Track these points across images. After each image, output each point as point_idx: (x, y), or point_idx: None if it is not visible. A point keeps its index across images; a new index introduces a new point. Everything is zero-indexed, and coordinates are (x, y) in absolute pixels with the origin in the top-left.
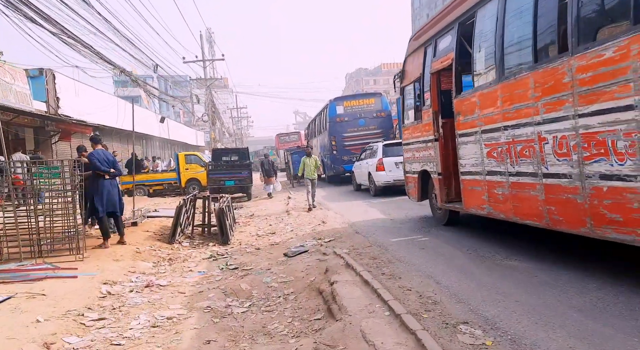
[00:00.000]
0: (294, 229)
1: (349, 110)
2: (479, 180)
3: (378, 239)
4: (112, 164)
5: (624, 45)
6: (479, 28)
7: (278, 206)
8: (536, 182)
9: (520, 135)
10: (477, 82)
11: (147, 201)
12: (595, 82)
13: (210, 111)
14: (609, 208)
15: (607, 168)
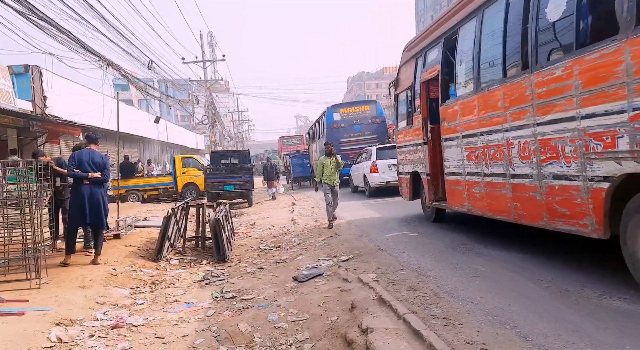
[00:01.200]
0: (302, 242)
1: (346, 117)
2: (460, 180)
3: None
4: (100, 168)
5: (569, 65)
6: (460, 44)
7: (282, 214)
8: (505, 182)
9: (493, 140)
10: (459, 92)
11: (139, 208)
12: (548, 96)
13: (210, 113)
14: (560, 203)
15: (558, 169)
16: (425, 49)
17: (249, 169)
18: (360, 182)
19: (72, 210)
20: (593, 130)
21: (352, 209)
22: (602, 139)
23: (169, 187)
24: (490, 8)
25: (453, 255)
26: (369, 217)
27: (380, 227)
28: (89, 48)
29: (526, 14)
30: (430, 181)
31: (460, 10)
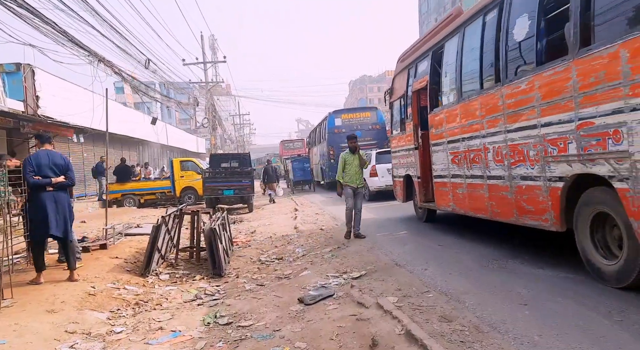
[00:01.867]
0: (307, 253)
1: (347, 123)
2: (446, 182)
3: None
4: (63, 170)
5: (531, 80)
6: (445, 58)
7: (284, 220)
8: (483, 183)
9: (473, 145)
10: (444, 102)
11: (134, 213)
12: (516, 107)
13: (211, 115)
14: (526, 201)
15: (525, 171)
16: (416, 60)
17: (249, 172)
18: None
19: (34, 222)
20: (550, 137)
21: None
22: (556, 144)
23: (166, 192)
24: (470, 26)
25: (485, 274)
26: (373, 221)
27: (391, 235)
28: (76, 41)
29: (498, 34)
30: (421, 183)
31: (446, 26)
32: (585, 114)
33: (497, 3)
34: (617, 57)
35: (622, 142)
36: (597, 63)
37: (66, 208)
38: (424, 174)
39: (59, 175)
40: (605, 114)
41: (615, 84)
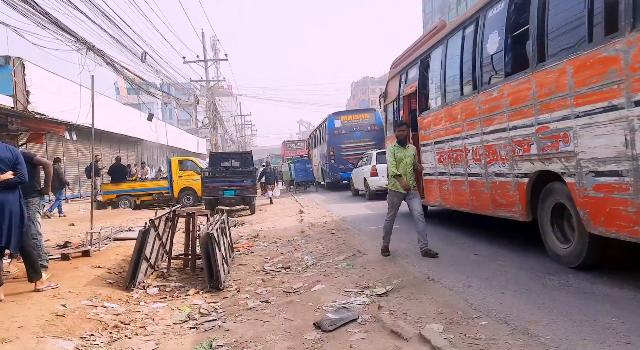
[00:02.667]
0: (317, 262)
1: (346, 124)
2: (434, 179)
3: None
4: (10, 165)
5: (501, 88)
6: (432, 66)
7: (289, 223)
8: (464, 180)
9: (455, 146)
10: (431, 106)
11: (128, 215)
12: (490, 112)
13: (212, 115)
14: (500, 195)
15: (498, 169)
16: (407, 67)
17: (251, 172)
18: (360, 185)
19: None
20: (517, 139)
21: (353, 210)
22: (522, 145)
23: (164, 192)
24: (452, 38)
25: (549, 294)
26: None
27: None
28: (61, 24)
29: (475, 46)
30: None
31: (432, 37)
32: (543, 120)
33: (474, 19)
34: (564, 72)
35: (570, 144)
36: (550, 76)
37: (13, 212)
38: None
39: (4, 171)
40: (557, 119)
41: (564, 94)
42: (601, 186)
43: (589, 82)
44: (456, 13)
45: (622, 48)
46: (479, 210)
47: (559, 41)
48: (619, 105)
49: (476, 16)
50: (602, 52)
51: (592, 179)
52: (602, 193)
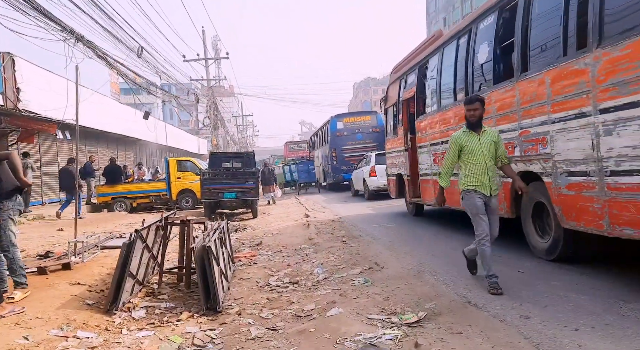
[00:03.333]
0: (330, 277)
1: (348, 126)
2: (429, 179)
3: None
4: None
5: (490, 95)
6: (429, 72)
7: (294, 228)
8: (456, 180)
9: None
10: (428, 110)
11: (123, 219)
12: None
13: (213, 114)
14: None
15: None
16: (406, 73)
17: (253, 173)
18: (360, 186)
19: None
20: (503, 141)
21: (353, 209)
22: (507, 147)
23: (162, 195)
24: (447, 47)
25: (638, 331)
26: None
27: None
28: (44, 11)
29: (467, 55)
30: (410, 181)
31: (430, 45)
32: (525, 124)
33: (467, 30)
34: (543, 82)
35: (547, 147)
36: (531, 85)
37: None
38: (412, 172)
39: None
40: (537, 125)
41: (542, 102)
42: (572, 185)
43: (563, 92)
44: (461, 12)
45: (589, 62)
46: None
47: (540, 54)
48: (587, 113)
49: (469, 27)
50: (574, 65)
51: (565, 178)
52: (573, 191)
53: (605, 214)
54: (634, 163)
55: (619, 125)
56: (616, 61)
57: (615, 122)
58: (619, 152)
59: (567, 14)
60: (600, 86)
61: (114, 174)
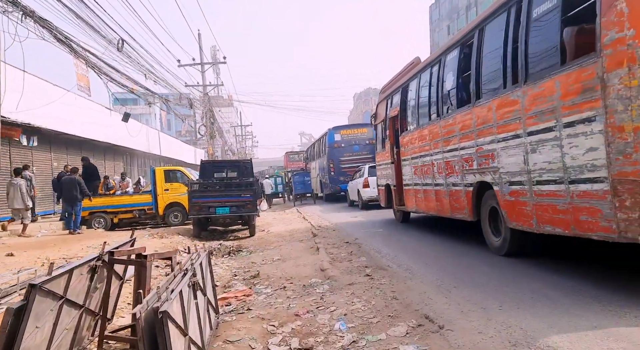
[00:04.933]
0: (362, 338)
1: (345, 138)
2: (411, 189)
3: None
4: None
5: (454, 117)
6: (409, 94)
7: (301, 252)
8: (432, 189)
9: (425, 161)
10: (409, 128)
11: (96, 238)
12: (448, 135)
13: (209, 122)
14: (455, 201)
15: (454, 180)
16: (392, 93)
17: (251, 184)
18: (355, 196)
19: None
20: (465, 156)
21: (346, 217)
22: (468, 161)
23: (147, 209)
24: (423, 73)
25: None
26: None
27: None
28: None
29: (438, 81)
30: (396, 191)
31: (410, 70)
32: (480, 143)
33: (438, 60)
34: (491, 109)
35: (495, 161)
36: (483, 110)
37: None
38: (398, 183)
39: None
40: (487, 143)
41: (490, 125)
42: (513, 192)
43: (504, 117)
44: (466, 19)
45: (520, 95)
46: (442, 214)
47: (488, 85)
48: (519, 135)
49: (439, 58)
50: (511, 97)
51: (508, 187)
52: (513, 197)
53: (534, 215)
54: (549, 175)
55: (539, 145)
56: (536, 96)
57: (537, 143)
58: (540, 166)
59: (505, 55)
60: (527, 114)
61: (91, 175)
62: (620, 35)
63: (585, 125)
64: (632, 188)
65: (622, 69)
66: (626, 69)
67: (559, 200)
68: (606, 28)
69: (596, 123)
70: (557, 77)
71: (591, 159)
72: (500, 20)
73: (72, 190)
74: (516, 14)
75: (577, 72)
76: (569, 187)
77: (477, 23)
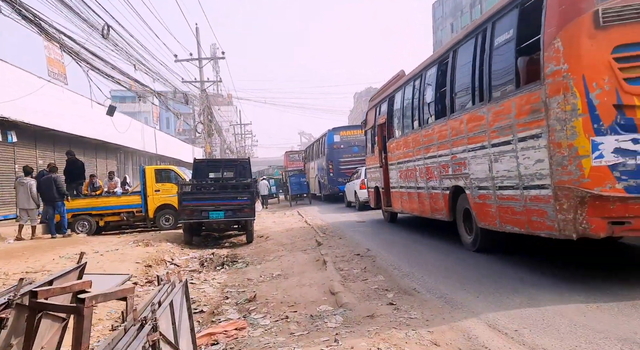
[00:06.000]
0: None
1: (345, 139)
2: (397, 191)
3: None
4: None
5: (433, 128)
6: (395, 104)
7: (305, 266)
8: (415, 192)
9: (409, 166)
10: (395, 135)
11: (73, 245)
12: (428, 143)
13: (207, 119)
14: (434, 203)
15: (433, 184)
16: (380, 102)
17: (249, 186)
18: (352, 197)
19: None
20: (442, 163)
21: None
22: (445, 167)
23: (135, 211)
24: (407, 86)
25: None
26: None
27: None
28: None
29: (420, 94)
30: (384, 193)
31: (397, 82)
32: (454, 151)
33: (419, 75)
34: (462, 121)
35: (467, 168)
36: (456, 123)
37: None
38: (386, 185)
39: None
40: (460, 152)
41: (462, 136)
42: (481, 196)
43: (472, 130)
44: (470, 17)
45: (485, 111)
46: (424, 214)
47: (461, 100)
48: (485, 146)
49: (420, 73)
50: (478, 112)
51: (477, 191)
52: (481, 200)
53: (497, 215)
54: (509, 181)
55: (500, 156)
56: (498, 113)
57: (499, 154)
58: (502, 174)
59: (474, 75)
60: (491, 128)
61: (75, 171)
62: (557, 68)
63: (534, 140)
64: (568, 194)
65: (559, 96)
66: (562, 96)
67: (516, 203)
68: (547, 61)
69: (542, 139)
70: (513, 98)
71: (539, 169)
72: (470, 44)
73: (50, 190)
74: (482, 40)
75: (528, 96)
76: (523, 192)
77: (451, 45)
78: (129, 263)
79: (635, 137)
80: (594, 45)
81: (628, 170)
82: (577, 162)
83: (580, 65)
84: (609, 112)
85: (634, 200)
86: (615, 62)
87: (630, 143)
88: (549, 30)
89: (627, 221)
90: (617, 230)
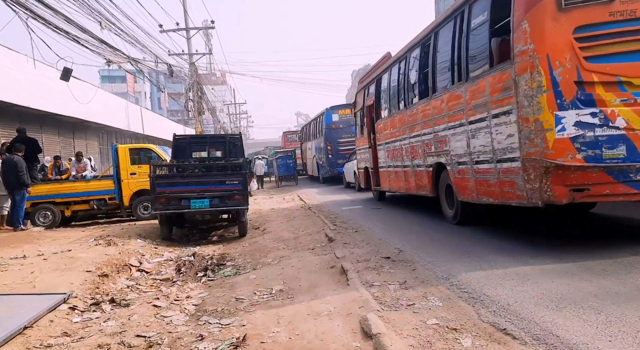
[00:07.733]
0: None
1: (344, 118)
2: (384, 171)
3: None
4: None
5: (417, 108)
6: (382, 85)
7: (315, 272)
8: (401, 170)
9: (396, 146)
10: (382, 115)
11: (21, 242)
12: (413, 122)
13: (197, 96)
14: (419, 180)
15: (418, 162)
16: (368, 84)
17: (240, 166)
18: (351, 178)
19: None
20: (426, 141)
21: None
22: (428, 146)
23: (107, 198)
24: (393, 68)
25: None
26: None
27: None
28: None
29: (404, 75)
30: (374, 173)
31: (383, 64)
32: (436, 129)
33: (404, 56)
34: (443, 101)
35: (447, 145)
36: (437, 102)
37: None
38: (375, 165)
39: None
40: (441, 130)
41: (443, 115)
42: (460, 171)
43: (452, 108)
44: None
45: (463, 90)
46: (410, 191)
47: (442, 81)
48: (463, 123)
49: (405, 55)
50: (457, 91)
51: (457, 166)
52: (461, 175)
53: (475, 189)
54: (484, 156)
55: (477, 132)
56: (474, 92)
57: (475, 130)
58: (478, 149)
59: (454, 56)
60: (468, 106)
61: (27, 151)
62: (525, 48)
63: (506, 116)
64: (534, 165)
65: (527, 74)
66: (529, 74)
67: (490, 176)
68: (517, 41)
69: (512, 115)
70: (487, 77)
71: (510, 143)
72: (450, 26)
73: (11, 175)
74: (460, 23)
75: (500, 75)
76: (496, 166)
77: (433, 26)
78: (76, 272)
79: (593, 111)
80: (556, 26)
81: (587, 142)
82: (542, 135)
83: (544, 45)
84: (571, 89)
85: (592, 169)
86: (576, 41)
87: (589, 117)
88: (517, 13)
89: (586, 188)
90: (577, 197)
